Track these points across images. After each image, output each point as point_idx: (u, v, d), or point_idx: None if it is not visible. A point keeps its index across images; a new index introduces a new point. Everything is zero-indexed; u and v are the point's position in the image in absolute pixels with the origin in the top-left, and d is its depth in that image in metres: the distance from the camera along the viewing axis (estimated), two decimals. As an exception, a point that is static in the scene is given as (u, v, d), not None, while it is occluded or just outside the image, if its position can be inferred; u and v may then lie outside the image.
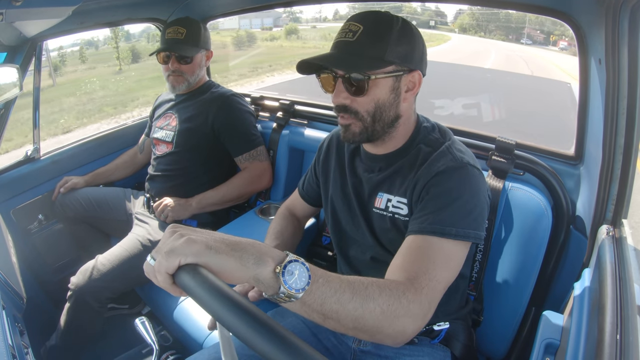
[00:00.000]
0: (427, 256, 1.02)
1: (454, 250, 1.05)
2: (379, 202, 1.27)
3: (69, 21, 1.80)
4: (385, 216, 1.25)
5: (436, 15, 48.38)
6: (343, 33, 1.12)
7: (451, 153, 1.17)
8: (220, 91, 2.15)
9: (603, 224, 1.26)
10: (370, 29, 1.10)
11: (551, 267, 1.49)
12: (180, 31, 2.04)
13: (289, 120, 2.28)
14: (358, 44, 1.09)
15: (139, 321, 1.51)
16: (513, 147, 1.53)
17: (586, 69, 1.38)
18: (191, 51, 2.05)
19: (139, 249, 1.91)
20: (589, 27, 1.31)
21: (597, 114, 1.29)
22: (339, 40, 1.13)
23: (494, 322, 1.50)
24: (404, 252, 1.07)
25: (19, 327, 1.37)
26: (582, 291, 1.13)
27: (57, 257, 2.33)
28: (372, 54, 1.10)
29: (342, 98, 1.14)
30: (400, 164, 1.24)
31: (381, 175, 1.27)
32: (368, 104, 1.14)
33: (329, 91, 1.18)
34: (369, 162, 1.32)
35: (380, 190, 1.27)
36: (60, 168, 2.31)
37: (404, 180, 1.22)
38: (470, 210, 1.09)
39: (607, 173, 1.22)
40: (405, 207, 1.21)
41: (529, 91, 13.45)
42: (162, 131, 2.18)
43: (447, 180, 1.11)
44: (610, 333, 0.83)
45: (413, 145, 1.24)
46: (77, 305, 1.79)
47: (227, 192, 2.11)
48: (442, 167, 1.13)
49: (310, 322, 1.40)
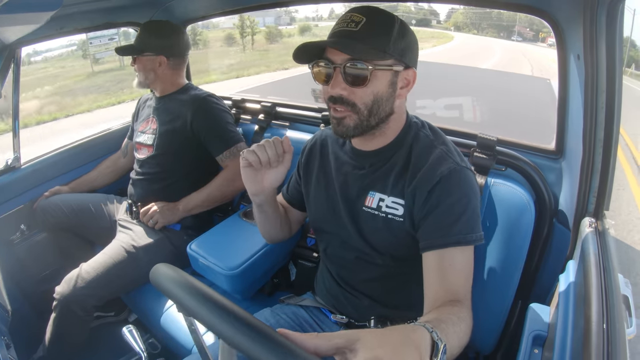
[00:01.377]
0: (459, 270, 1.12)
1: (471, 254, 1.16)
2: (370, 201, 1.26)
3: (48, 26, 1.78)
4: (377, 216, 1.24)
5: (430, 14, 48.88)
6: (344, 23, 1.10)
7: (450, 156, 1.18)
8: (197, 93, 2.15)
9: (585, 216, 1.28)
10: (373, 21, 1.09)
11: (536, 260, 1.51)
12: None
13: (271, 122, 2.27)
14: (361, 34, 1.08)
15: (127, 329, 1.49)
16: (494, 144, 1.54)
17: (565, 64, 1.40)
18: (134, 52, 2.10)
19: (123, 256, 1.89)
20: (566, 24, 1.33)
21: (577, 109, 1.31)
22: (340, 30, 1.11)
23: (480, 317, 1.50)
24: (441, 273, 1.12)
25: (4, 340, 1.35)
26: (567, 283, 1.15)
27: (41, 268, 2.28)
28: (376, 44, 1.09)
29: (339, 89, 1.12)
30: (392, 161, 1.24)
31: (372, 173, 1.27)
32: (367, 96, 1.12)
33: (323, 82, 1.16)
34: (357, 158, 1.30)
35: (372, 189, 1.26)
36: (41, 176, 2.27)
37: (398, 179, 1.22)
38: (478, 214, 1.17)
39: (588, 166, 1.24)
40: (400, 208, 1.21)
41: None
42: (144, 135, 2.17)
43: (455, 188, 1.14)
44: (596, 322, 0.85)
45: (404, 142, 1.24)
46: (62, 315, 1.76)
47: (211, 192, 2.10)
48: (445, 172, 1.14)
49: (297, 321, 1.44)
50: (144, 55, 2.08)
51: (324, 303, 1.46)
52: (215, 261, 1.68)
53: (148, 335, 1.98)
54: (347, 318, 1.39)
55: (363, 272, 1.32)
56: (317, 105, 2.24)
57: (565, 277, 1.19)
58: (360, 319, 1.37)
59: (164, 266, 0.84)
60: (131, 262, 1.89)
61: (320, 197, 1.38)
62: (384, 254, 1.27)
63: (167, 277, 0.81)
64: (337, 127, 1.18)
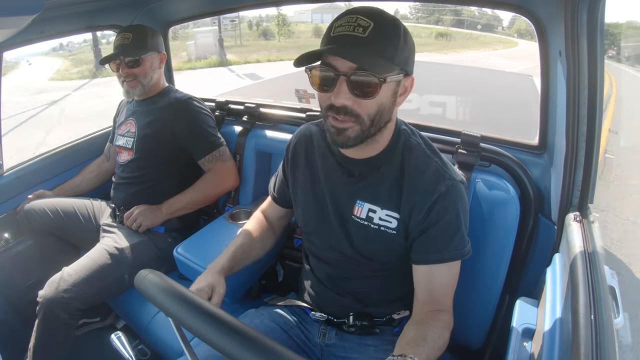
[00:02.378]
0: (448, 282, 1.20)
1: (459, 264, 1.22)
2: (359, 211, 1.24)
3: (29, 31, 1.76)
4: (368, 227, 1.23)
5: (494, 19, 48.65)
6: (350, 26, 1.02)
7: (446, 171, 1.18)
8: (177, 96, 2.13)
9: (570, 209, 1.30)
10: (380, 27, 1.03)
11: (522, 254, 1.52)
12: (126, 36, 2.02)
13: (255, 123, 2.26)
14: (370, 42, 1.02)
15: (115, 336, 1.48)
16: (478, 140, 1.56)
17: (547, 61, 1.42)
18: (137, 53, 2.02)
19: (106, 258, 1.87)
20: (548, 21, 1.35)
21: (560, 104, 1.33)
22: (346, 34, 1.02)
23: (469, 312, 1.52)
24: (430, 284, 1.20)
25: None
26: (554, 276, 1.17)
27: (26, 276, 2.24)
28: (386, 55, 1.04)
29: (344, 99, 1.05)
30: (383, 170, 1.22)
31: (362, 182, 1.24)
32: (371, 107, 1.07)
33: (321, 88, 1.10)
34: (346, 165, 1.27)
35: (359, 198, 1.25)
36: (25, 183, 2.24)
37: (391, 192, 1.20)
38: (467, 227, 1.20)
39: (572, 160, 1.26)
40: (394, 222, 1.20)
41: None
42: (123, 138, 2.15)
43: (452, 205, 1.16)
44: (584, 314, 0.86)
45: (395, 150, 1.22)
46: (46, 319, 1.73)
47: (194, 195, 2.09)
48: (443, 190, 1.15)
49: (281, 320, 1.43)
50: (149, 55, 2.06)
51: (306, 301, 1.46)
52: (202, 264, 1.66)
53: (137, 341, 1.96)
54: (327, 315, 1.39)
55: (347, 272, 1.33)
56: (300, 106, 2.24)
57: (552, 270, 1.20)
58: (340, 315, 1.38)
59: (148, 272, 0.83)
60: (114, 265, 1.87)
61: (308, 199, 1.36)
62: (371, 260, 1.28)
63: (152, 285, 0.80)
64: (336, 137, 1.12)
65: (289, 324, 1.43)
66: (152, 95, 2.15)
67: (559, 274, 1.16)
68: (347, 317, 1.36)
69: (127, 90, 2.08)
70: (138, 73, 2.05)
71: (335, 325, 1.39)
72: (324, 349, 1.38)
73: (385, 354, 1.03)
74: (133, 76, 2.04)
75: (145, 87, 2.10)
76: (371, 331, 1.36)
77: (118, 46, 2.02)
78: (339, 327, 1.39)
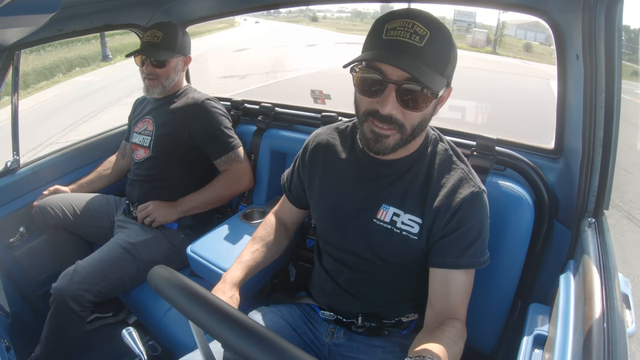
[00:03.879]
0: (463, 290, 1.18)
1: (474, 273, 1.20)
2: (383, 215, 1.22)
3: (46, 29, 1.78)
4: (391, 231, 1.21)
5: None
6: (407, 33, 0.97)
7: (472, 179, 1.18)
8: (195, 96, 2.14)
9: (585, 215, 1.28)
10: (436, 38, 0.99)
11: (535, 260, 1.51)
12: (156, 35, 2.04)
13: (270, 123, 2.27)
14: (426, 54, 0.98)
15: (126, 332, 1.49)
16: (494, 144, 1.54)
17: (564, 64, 1.40)
18: (165, 55, 2.04)
19: (119, 252, 1.89)
20: (565, 23, 1.33)
21: (576, 108, 1.31)
22: (402, 40, 0.97)
23: (481, 317, 1.51)
24: (446, 289, 1.17)
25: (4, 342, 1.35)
26: (568, 282, 1.15)
27: (41, 270, 2.28)
28: (439, 68, 1.01)
29: (391, 108, 1.02)
30: (411, 174, 1.21)
31: (388, 185, 1.23)
32: (417, 118, 1.06)
33: (366, 92, 1.05)
34: (372, 167, 1.25)
35: (386, 202, 1.23)
36: (40, 179, 2.27)
37: (416, 196, 1.20)
38: (487, 237, 1.19)
39: (588, 166, 1.24)
40: (416, 226, 1.19)
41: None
42: (140, 136, 2.18)
43: (475, 213, 1.16)
44: (597, 322, 0.85)
45: (423, 155, 1.22)
46: (59, 311, 1.75)
47: (208, 195, 2.11)
48: (468, 196, 1.15)
49: (290, 318, 1.43)
50: (175, 57, 2.09)
51: (317, 300, 1.46)
52: (215, 263, 1.68)
53: (148, 337, 1.98)
54: (336, 315, 1.39)
55: (363, 274, 1.32)
56: (316, 106, 2.23)
57: (566, 276, 1.19)
58: (349, 315, 1.38)
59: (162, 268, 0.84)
60: (127, 259, 1.89)
61: (327, 202, 1.35)
62: (389, 263, 1.27)
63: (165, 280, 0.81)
64: (373, 144, 1.10)
65: (298, 322, 1.44)
66: (170, 94, 2.17)
67: (573, 280, 1.14)
68: (356, 317, 1.36)
69: (147, 88, 2.11)
70: (161, 74, 2.07)
71: (344, 325, 1.39)
72: (332, 349, 1.37)
73: (393, 356, 1.03)
74: (155, 76, 2.07)
75: (166, 88, 2.12)
76: (379, 332, 1.36)
77: (147, 43, 2.04)
78: (347, 327, 1.39)
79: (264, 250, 1.47)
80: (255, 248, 1.47)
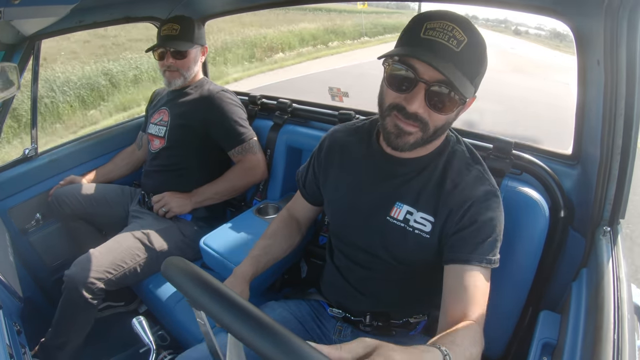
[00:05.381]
0: (479, 288, 1.09)
1: (489, 276, 1.13)
2: (397, 213, 1.22)
3: (67, 20, 1.80)
4: (404, 229, 1.21)
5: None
6: (444, 35, 0.97)
7: (487, 178, 1.18)
8: (211, 88, 2.16)
9: (600, 224, 1.26)
10: (473, 46, 0.99)
11: (548, 266, 1.49)
12: (174, 27, 2.06)
13: (287, 119, 2.27)
14: (461, 60, 0.98)
15: (136, 320, 1.51)
16: (511, 147, 1.53)
17: (584, 69, 1.38)
18: (185, 46, 2.06)
19: (133, 242, 1.91)
20: (587, 28, 1.31)
21: (595, 115, 1.29)
22: (439, 42, 0.97)
23: (490, 321, 1.48)
24: (459, 291, 1.10)
25: (16, 326, 1.37)
26: (580, 291, 1.14)
27: (54, 257, 2.32)
28: (471, 76, 1.01)
29: (418, 106, 1.02)
30: (426, 173, 1.21)
31: (404, 183, 1.23)
32: (441, 120, 1.06)
33: (396, 87, 1.05)
34: (388, 164, 1.25)
35: (400, 200, 1.23)
36: (58, 167, 2.30)
37: (431, 195, 1.19)
38: (500, 238, 1.15)
39: (605, 173, 1.22)
40: (429, 225, 1.18)
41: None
42: (156, 126, 2.20)
43: (488, 210, 1.13)
44: (607, 332, 0.84)
45: (440, 156, 1.21)
46: (70, 298, 1.78)
47: (222, 186, 2.13)
48: (481, 194, 1.14)
49: (299, 313, 1.44)
50: (194, 48, 2.11)
51: (326, 297, 1.47)
52: (227, 257, 1.69)
53: (158, 327, 2.00)
54: (344, 313, 1.40)
55: (375, 273, 1.32)
56: (333, 104, 2.23)
57: (578, 285, 1.17)
58: (357, 314, 1.38)
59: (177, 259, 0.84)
60: (140, 248, 1.91)
61: (339, 200, 1.35)
62: (401, 263, 1.26)
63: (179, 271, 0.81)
64: (394, 138, 1.10)
65: (306, 318, 1.44)
66: (187, 86, 2.19)
67: (585, 289, 1.13)
68: (364, 315, 1.36)
69: (168, 80, 2.13)
70: (181, 65, 2.09)
71: (352, 323, 1.40)
72: None
73: None
74: (176, 67, 2.09)
75: (186, 79, 2.15)
76: (387, 332, 1.36)
77: (165, 36, 2.06)
78: (355, 325, 1.39)
79: (276, 246, 1.48)
80: (268, 243, 1.48)
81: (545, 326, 1.19)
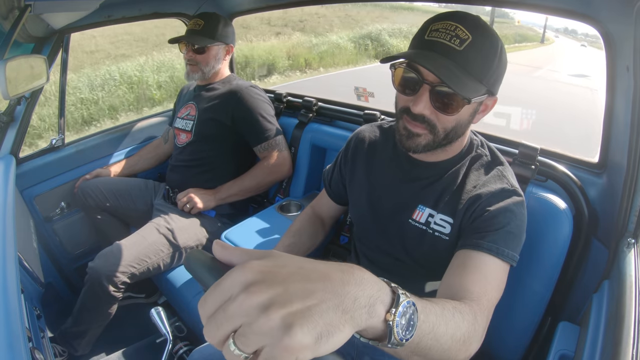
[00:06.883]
0: (485, 276, 1.00)
1: (502, 271, 1.04)
2: (419, 215, 1.22)
3: (96, 14, 1.83)
4: (425, 232, 1.20)
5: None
6: (447, 35, 0.97)
7: (506, 177, 1.16)
8: (239, 83, 2.18)
9: (625, 235, 1.22)
10: (478, 43, 0.97)
11: (570, 277, 1.45)
12: (198, 23, 2.09)
13: (312, 118, 2.28)
14: (464, 58, 0.97)
15: (155, 311, 1.53)
16: (536, 153, 1.50)
17: (613, 75, 1.34)
18: (204, 41, 2.08)
19: (157, 236, 1.94)
20: (617, 33, 1.28)
21: (623, 122, 1.25)
22: (441, 42, 0.97)
23: (507, 328, 1.48)
24: (462, 269, 1.02)
25: (36, 311, 1.40)
26: (600, 303, 1.11)
27: (76, 245, 2.37)
28: (476, 74, 0.99)
29: (423, 108, 1.02)
30: (448, 176, 1.20)
31: (426, 186, 1.23)
32: (449, 122, 1.05)
33: (402, 90, 1.07)
34: (411, 168, 1.26)
35: (422, 203, 1.22)
36: (84, 157, 2.35)
37: (451, 198, 1.18)
38: (518, 235, 1.08)
39: (631, 183, 1.18)
40: (448, 227, 1.17)
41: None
42: (183, 121, 2.23)
43: (501, 202, 1.10)
44: (626, 347, 0.81)
45: (464, 159, 1.21)
46: (93, 289, 1.81)
47: (247, 182, 2.14)
48: (497, 189, 1.12)
49: None
50: (215, 45, 2.12)
51: None
52: None
53: (175, 318, 2.03)
54: None
55: (394, 276, 1.30)
56: (359, 103, 2.23)
57: (599, 297, 1.14)
58: None
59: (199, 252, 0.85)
60: (165, 244, 1.94)
61: (365, 200, 1.35)
62: (422, 266, 1.25)
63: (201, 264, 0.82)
64: (405, 140, 1.11)
65: None
66: (214, 82, 2.21)
67: (606, 302, 1.10)
68: None
69: (187, 73, 2.16)
70: (200, 60, 2.11)
71: None
72: (360, 349, 1.36)
73: None
74: (195, 61, 2.11)
75: (206, 75, 2.16)
76: None
77: (188, 31, 2.10)
78: None
79: (300, 244, 1.48)
80: (292, 242, 1.48)
81: (563, 338, 1.16)
